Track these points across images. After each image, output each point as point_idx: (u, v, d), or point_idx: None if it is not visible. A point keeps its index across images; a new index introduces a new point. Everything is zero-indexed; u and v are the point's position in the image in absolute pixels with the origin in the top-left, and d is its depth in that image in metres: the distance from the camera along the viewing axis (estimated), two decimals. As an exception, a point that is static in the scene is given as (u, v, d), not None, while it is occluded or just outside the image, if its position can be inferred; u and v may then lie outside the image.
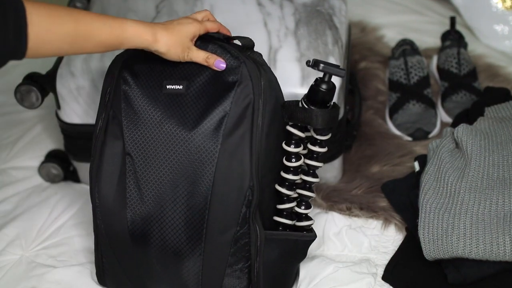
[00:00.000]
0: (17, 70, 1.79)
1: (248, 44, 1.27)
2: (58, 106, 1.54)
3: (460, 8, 2.16)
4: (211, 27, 1.25)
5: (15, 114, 1.86)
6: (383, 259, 1.43)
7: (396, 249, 1.44)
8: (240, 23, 1.56)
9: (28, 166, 1.71)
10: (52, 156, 1.69)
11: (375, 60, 1.99)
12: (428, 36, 2.07)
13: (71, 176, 1.67)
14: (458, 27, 2.01)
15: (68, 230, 1.52)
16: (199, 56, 1.21)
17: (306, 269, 1.40)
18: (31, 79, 1.51)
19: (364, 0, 2.26)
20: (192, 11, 1.57)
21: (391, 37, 2.09)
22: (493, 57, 2.00)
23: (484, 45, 2.06)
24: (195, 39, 1.22)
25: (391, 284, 1.37)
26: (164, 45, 1.17)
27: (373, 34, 2.11)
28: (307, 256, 1.35)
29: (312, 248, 1.40)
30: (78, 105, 1.52)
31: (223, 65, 1.21)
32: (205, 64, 1.21)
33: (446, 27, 2.02)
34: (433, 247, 1.33)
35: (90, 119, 1.49)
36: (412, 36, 2.03)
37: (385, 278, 1.38)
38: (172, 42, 1.18)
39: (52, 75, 1.52)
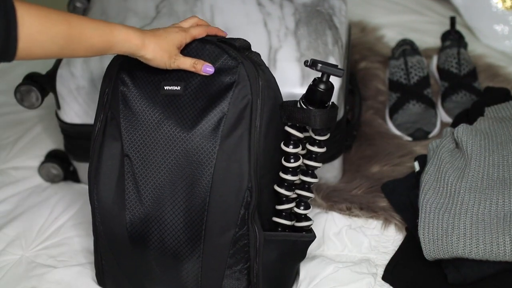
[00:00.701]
0: (17, 70, 1.79)
1: (244, 44, 1.27)
2: (58, 106, 1.54)
3: (460, 8, 2.16)
4: (197, 34, 1.25)
5: (15, 114, 1.87)
6: (383, 259, 1.43)
7: (396, 249, 1.44)
8: (240, 23, 1.55)
9: (28, 166, 1.71)
10: (52, 156, 1.69)
11: (375, 60, 1.99)
12: (428, 36, 2.07)
13: (71, 176, 1.67)
14: (458, 27, 2.01)
15: (68, 230, 1.52)
16: (186, 62, 1.21)
17: (306, 269, 1.40)
18: (31, 79, 1.51)
19: (364, 0, 2.26)
20: (192, 11, 1.57)
21: (391, 37, 2.09)
22: (493, 57, 2.00)
23: (484, 45, 2.06)
24: (181, 47, 1.22)
25: (391, 284, 1.37)
26: (151, 51, 1.17)
27: (373, 34, 2.11)
28: (307, 256, 1.35)
29: (312, 248, 1.40)
30: (78, 105, 1.52)
31: (210, 70, 1.21)
32: (193, 70, 1.21)
33: (446, 27, 2.02)
34: (433, 247, 1.33)
35: (90, 119, 1.49)
36: (412, 36, 2.03)
37: (385, 278, 1.38)
38: (159, 49, 1.18)
39: (52, 75, 1.52)
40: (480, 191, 1.37)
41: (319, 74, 1.22)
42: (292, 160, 1.26)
